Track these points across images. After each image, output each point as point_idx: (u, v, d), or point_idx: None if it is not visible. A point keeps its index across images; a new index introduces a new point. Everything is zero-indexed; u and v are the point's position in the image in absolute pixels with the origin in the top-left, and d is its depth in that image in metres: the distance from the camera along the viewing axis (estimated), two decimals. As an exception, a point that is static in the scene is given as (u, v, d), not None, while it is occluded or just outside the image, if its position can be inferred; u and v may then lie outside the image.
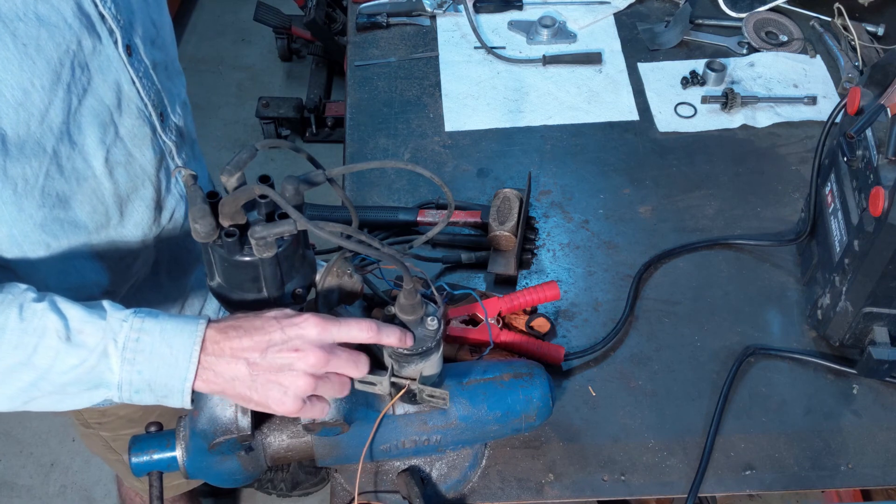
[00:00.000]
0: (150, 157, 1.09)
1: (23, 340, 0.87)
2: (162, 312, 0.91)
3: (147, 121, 1.07)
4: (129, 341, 0.88)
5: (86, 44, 0.94)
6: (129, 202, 1.09)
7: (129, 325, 0.88)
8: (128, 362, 0.88)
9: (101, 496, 2.37)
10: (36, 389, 0.89)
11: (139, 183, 1.09)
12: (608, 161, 1.57)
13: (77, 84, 0.95)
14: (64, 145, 0.96)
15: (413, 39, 1.80)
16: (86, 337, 0.88)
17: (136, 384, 0.89)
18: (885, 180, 1.08)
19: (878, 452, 1.21)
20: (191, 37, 3.64)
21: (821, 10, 1.80)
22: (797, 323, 1.34)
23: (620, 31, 1.80)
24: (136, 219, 1.11)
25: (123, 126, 1.03)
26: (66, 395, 0.91)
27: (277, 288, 0.91)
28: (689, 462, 1.20)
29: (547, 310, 1.34)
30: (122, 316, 0.89)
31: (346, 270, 1.00)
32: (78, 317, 0.88)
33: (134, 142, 1.06)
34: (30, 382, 0.89)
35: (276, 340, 0.87)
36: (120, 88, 1.01)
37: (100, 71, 0.97)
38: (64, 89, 0.93)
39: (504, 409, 1.07)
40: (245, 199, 0.85)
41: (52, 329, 0.87)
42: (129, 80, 1.02)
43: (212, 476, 1.02)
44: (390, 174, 1.54)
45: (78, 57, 0.94)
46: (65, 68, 0.92)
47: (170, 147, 1.13)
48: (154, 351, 0.88)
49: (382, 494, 1.14)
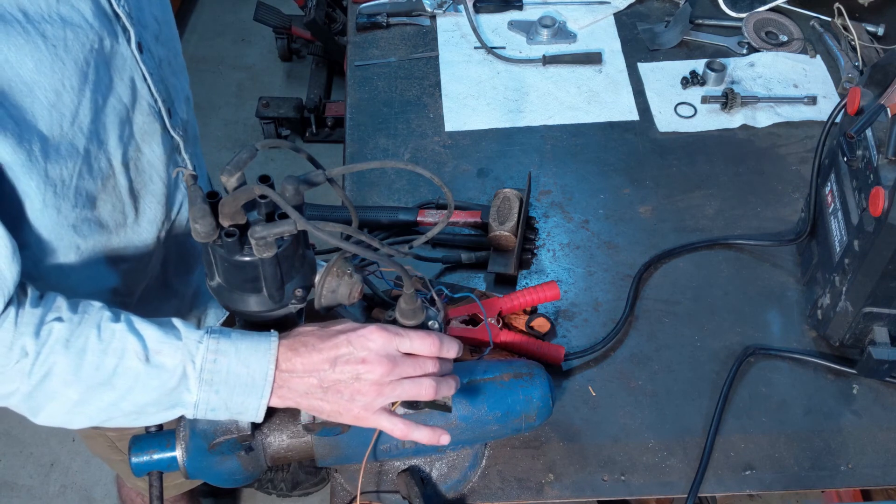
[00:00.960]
0: (159, 153, 1.10)
1: (104, 362, 0.88)
2: (233, 330, 0.93)
3: (157, 117, 1.08)
4: (206, 363, 0.89)
5: (106, 43, 0.95)
6: (142, 199, 1.10)
7: (206, 346, 0.90)
8: (206, 383, 0.89)
9: (101, 496, 2.37)
10: (116, 409, 0.91)
11: (149, 179, 1.10)
12: (608, 161, 1.57)
13: (101, 83, 0.95)
14: (93, 145, 0.97)
15: (413, 39, 1.80)
16: (164, 358, 0.89)
17: (213, 403, 0.90)
18: (885, 180, 1.08)
19: (878, 452, 1.21)
20: (191, 37, 3.64)
21: (821, 10, 1.80)
22: (797, 323, 1.34)
23: (620, 31, 1.80)
24: (150, 216, 1.12)
25: (136, 123, 1.04)
26: (144, 415, 0.92)
27: (277, 288, 0.91)
28: (689, 462, 1.20)
29: (547, 310, 1.34)
30: (196, 337, 0.90)
31: (346, 270, 1.00)
32: (155, 337, 0.89)
33: (144, 138, 1.07)
34: (110, 402, 0.90)
35: (343, 353, 0.90)
36: (134, 86, 1.02)
37: (117, 69, 0.99)
38: (91, 89, 0.93)
39: (504, 409, 1.07)
40: (245, 199, 0.85)
41: (132, 350, 0.88)
42: (142, 76, 1.03)
43: (212, 476, 1.02)
44: (390, 174, 1.54)
45: (101, 56, 0.95)
46: (90, 68, 0.93)
47: (177, 142, 1.14)
48: (231, 371, 0.90)
49: (383, 494, 1.14)
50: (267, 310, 0.92)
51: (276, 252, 0.87)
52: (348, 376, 0.90)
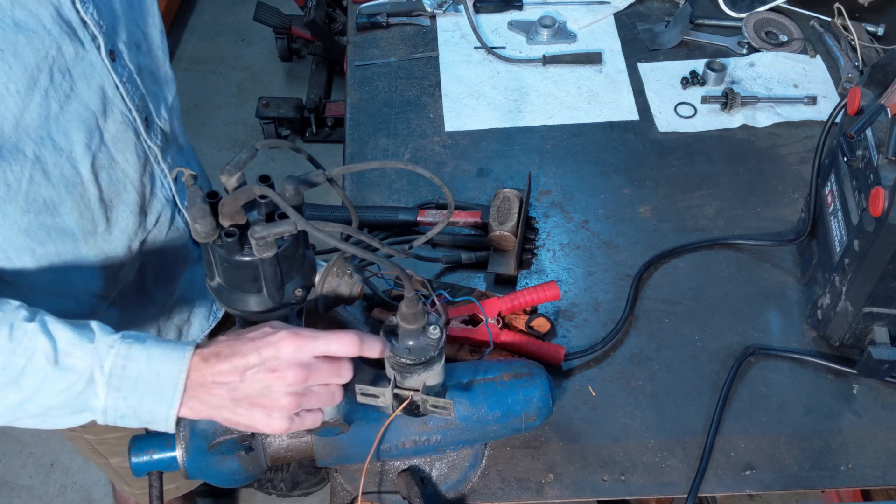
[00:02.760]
0: (133, 162, 1.08)
1: (11, 361, 0.86)
2: (150, 336, 0.91)
3: (131, 126, 1.06)
4: (115, 368, 0.87)
5: (66, 49, 0.93)
6: (114, 207, 1.09)
7: (116, 351, 0.88)
8: (114, 389, 0.87)
9: (101, 496, 2.37)
10: (21, 410, 0.89)
11: (122, 188, 1.08)
12: (608, 161, 1.57)
13: (58, 89, 0.94)
14: (47, 150, 0.95)
15: (413, 39, 1.80)
16: (74, 360, 0.87)
17: (122, 410, 0.89)
18: (885, 180, 1.08)
19: (878, 452, 1.21)
20: (191, 37, 3.64)
21: (821, 10, 1.80)
22: (797, 323, 1.34)
23: (620, 31, 1.80)
24: (122, 225, 1.11)
25: (108, 131, 1.03)
26: (50, 418, 0.91)
27: (277, 288, 0.91)
28: (689, 462, 1.20)
29: (547, 310, 1.34)
30: (109, 341, 0.88)
31: (346, 270, 1.00)
32: (67, 339, 0.88)
33: (117, 146, 1.05)
34: (16, 403, 0.88)
35: (252, 363, 0.87)
36: (105, 94, 1.00)
37: (83, 77, 0.97)
38: (41, 94, 0.92)
39: (504, 409, 1.07)
40: (245, 199, 0.85)
41: (41, 351, 0.86)
42: (113, 85, 1.02)
43: (212, 476, 1.02)
44: (390, 174, 1.54)
45: (58, 62, 0.93)
46: (42, 73, 0.91)
47: (154, 151, 1.13)
48: (140, 378, 0.87)
49: (383, 495, 1.14)
50: (267, 310, 0.92)
51: (276, 252, 0.87)
52: (259, 388, 0.87)
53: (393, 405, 0.96)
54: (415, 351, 0.92)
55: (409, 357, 0.92)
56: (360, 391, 0.94)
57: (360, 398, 0.95)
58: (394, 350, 0.93)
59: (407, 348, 0.93)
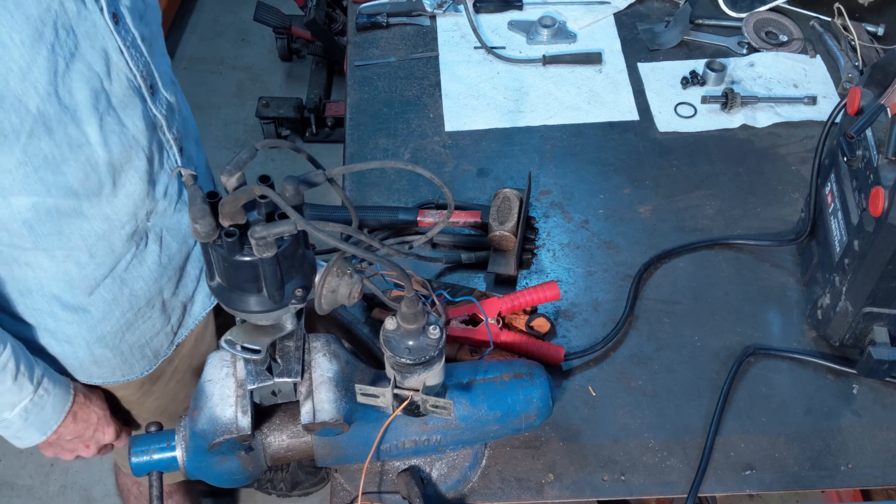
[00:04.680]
0: (141, 128, 1.09)
1: None
2: None
3: (137, 92, 1.07)
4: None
5: (69, 5, 0.94)
6: (123, 172, 1.09)
7: None
8: None
9: (101, 496, 2.37)
10: None
11: (132, 153, 1.09)
12: (608, 161, 1.57)
13: (63, 46, 0.95)
14: (52, 107, 0.96)
15: (413, 39, 1.80)
16: None
17: None
18: (885, 180, 1.08)
19: (878, 452, 1.21)
20: (191, 37, 3.64)
21: (821, 10, 1.80)
22: (797, 323, 1.34)
23: (620, 31, 1.80)
24: (129, 189, 1.12)
25: (114, 95, 1.04)
26: None
27: (277, 288, 0.91)
28: (689, 462, 1.20)
29: (547, 310, 1.34)
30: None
31: (346, 270, 1.00)
32: None
33: (125, 112, 1.06)
34: None
35: None
36: (108, 56, 1.01)
37: (87, 37, 0.97)
38: (48, 49, 0.93)
39: (504, 409, 1.07)
40: (245, 199, 0.85)
41: None
42: (117, 48, 1.02)
43: (212, 476, 1.02)
44: (390, 174, 1.54)
45: (61, 18, 0.94)
46: (47, 27, 0.92)
47: (160, 120, 1.13)
48: None
49: (383, 495, 1.14)
50: (267, 310, 0.92)
51: (276, 252, 0.87)
52: None
53: (393, 405, 0.96)
54: (415, 351, 0.92)
55: (409, 357, 0.92)
56: (360, 391, 0.94)
57: (360, 398, 0.95)
58: (394, 350, 0.93)
59: (407, 348, 0.93)
